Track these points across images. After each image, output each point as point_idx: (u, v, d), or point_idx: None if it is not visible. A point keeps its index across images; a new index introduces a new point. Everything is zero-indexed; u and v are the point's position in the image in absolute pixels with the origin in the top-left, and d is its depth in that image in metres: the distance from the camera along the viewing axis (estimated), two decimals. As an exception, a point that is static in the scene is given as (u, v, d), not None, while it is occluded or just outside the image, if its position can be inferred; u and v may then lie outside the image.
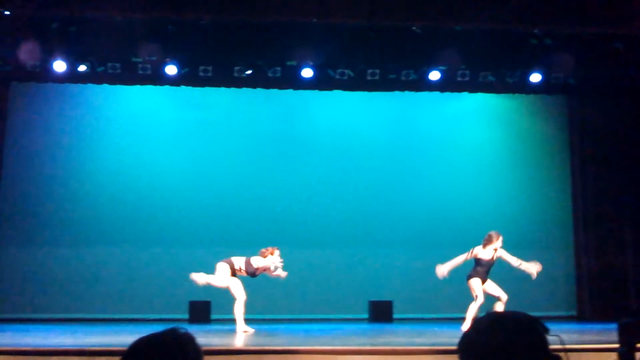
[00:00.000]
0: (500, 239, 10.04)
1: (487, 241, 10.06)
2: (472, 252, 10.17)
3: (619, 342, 2.93)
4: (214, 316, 12.07)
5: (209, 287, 12.42)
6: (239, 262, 10.15)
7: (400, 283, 13.05)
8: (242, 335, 9.39)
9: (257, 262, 10.09)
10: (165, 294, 12.63)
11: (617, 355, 3.13)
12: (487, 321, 1.84)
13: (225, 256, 10.41)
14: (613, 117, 13.21)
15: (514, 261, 10.01)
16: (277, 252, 10.16)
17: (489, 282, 10.17)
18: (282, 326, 11.05)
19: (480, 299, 9.96)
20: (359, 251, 13.20)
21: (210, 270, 10.30)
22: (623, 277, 12.82)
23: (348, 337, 9.25)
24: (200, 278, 10.08)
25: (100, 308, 12.54)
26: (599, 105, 13.35)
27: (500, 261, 10.26)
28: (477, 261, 10.14)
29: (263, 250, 10.16)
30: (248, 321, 10.07)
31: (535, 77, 12.23)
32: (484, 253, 10.06)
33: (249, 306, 12.54)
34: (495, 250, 10.05)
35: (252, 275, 10.20)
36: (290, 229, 13.00)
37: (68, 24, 10.71)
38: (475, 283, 10.13)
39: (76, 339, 8.55)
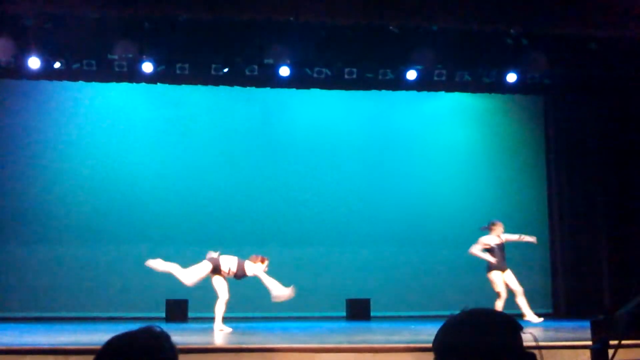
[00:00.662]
0: (501, 224, 10.63)
1: (491, 228, 10.54)
2: (481, 243, 10.48)
3: (592, 339, 2.95)
4: (191, 314, 12.03)
5: (187, 287, 12.39)
6: (230, 262, 9.98)
7: (378, 281, 13.09)
8: (219, 334, 9.37)
9: (250, 268, 9.98)
10: (141, 292, 12.54)
11: (590, 353, 3.16)
12: (461, 319, 1.85)
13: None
14: (588, 117, 13.36)
15: (516, 237, 10.72)
16: (266, 263, 10.05)
17: (508, 272, 10.50)
18: (259, 324, 11.04)
19: (503, 295, 10.22)
20: (336, 249, 13.22)
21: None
22: (598, 275, 12.96)
23: (326, 335, 9.26)
24: (158, 265, 9.89)
25: (75, 306, 12.43)
26: (574, 105, 13.49)
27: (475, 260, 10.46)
28: (490, 250, 10.42)
29: (254, 257, 10.04)
30: (225, 319, 10.04)
31: (511, 77, 12.33)
32: (491, 239, 10.48)
33: (227, 304, 12.52)
34: (499, 236, 10.54)
35: (237, 279, 10.11)
36: (268, 227, 13.00)
37: (43, 20, 10.60)
38: (496, 276, 10.39)
39: (50, 337, 8.47)
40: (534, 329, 9.51)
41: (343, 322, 12.07)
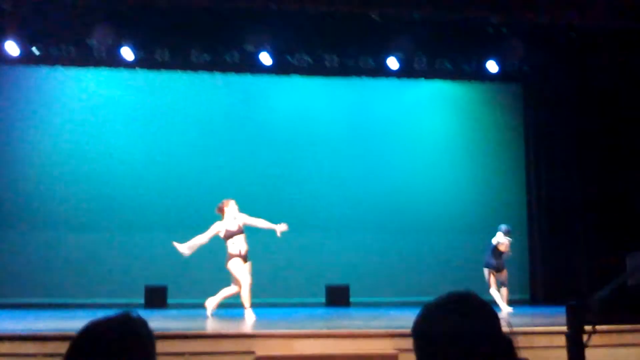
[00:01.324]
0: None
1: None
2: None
3: (567, 324, 2.99)
4: (170, 301, 12.01)
5: (164, 271, 12.38)
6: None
7: (357, 267, 13.14)
8: (202, 320, 9.35)
9: (234, 219, 9.74)
10: (120, 279, 12.51)
11: (565, 338, 3.19)
12: (440, 304, 1.87)
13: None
14: (567, 105, 13.44)
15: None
16: (230, 203, 9.82)
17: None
18: (238, 311, 11.04)
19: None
20: (315, 236, 13.24)
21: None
22: (575, 261, 13.10)
23: (305, 321, 9.30)
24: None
25: (52, 293, 12.35)
26: (553, 93, 13.57)
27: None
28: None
29: (220, 206, 9.89)
30: (203, 306, 10.03)
31: (491, 65, 12.39)
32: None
33: (205, 290, 12.52)
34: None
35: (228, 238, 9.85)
36: (250, 213, 12.95)
37: (20, 4, 10.47)
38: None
39: (27, 324, 8.43)
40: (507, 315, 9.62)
41: (322, 308, 12.11)
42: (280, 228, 9.85)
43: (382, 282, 13.14)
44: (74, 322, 8.17)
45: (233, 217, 9.80)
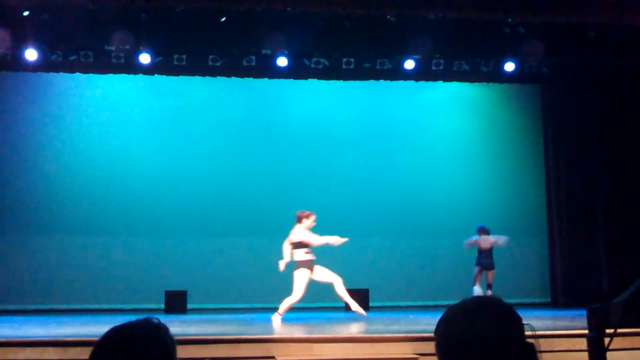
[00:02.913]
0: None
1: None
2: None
3: (589, 327, 2.96)
4: (190, 306, 12.04)
5: (185, 276, 12.44)
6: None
7: (377, 271, 13.11)
8: (222, 325, 9.35)
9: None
10: (140, 284, 12.57)
11: (587, 341, 3.16)
12: (463, 308, 1.85)
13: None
14: (586, 106, 13.34)
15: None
16: (313, 217, 10.03)
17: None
18: (258, 315, 11.06)
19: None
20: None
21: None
22: (596, 264, 12.99)
23: (324, 325, 9.29)
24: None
25: (73, 298, 12.45)
26: (572, 94, 13.48)
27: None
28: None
29: (303, 215, 10.00)
30: (224, 310, 10.06)
31: (509, 66, 12.30)
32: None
33: (224, 295, 12.57)
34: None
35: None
36: (266, 217, 12.99)
37: (40, 11, 10.56)
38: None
39: (49, 330, 8.48)
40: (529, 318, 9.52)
41: (342, 312, 12.09)
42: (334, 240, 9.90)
43: (401, 286, 13.10)
44: (96, 328, 8.23)
45: (308, 229, 9.85)
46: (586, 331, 2.92)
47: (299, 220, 10.03)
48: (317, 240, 9.91)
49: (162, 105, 13.33)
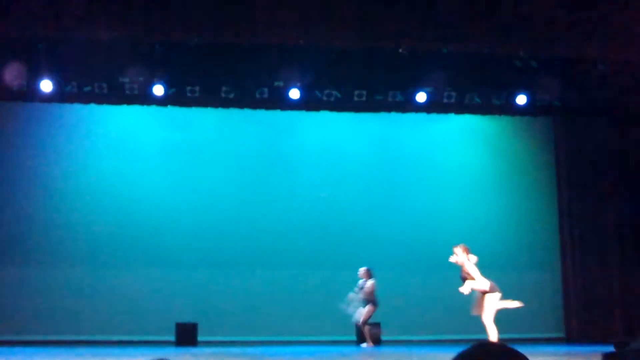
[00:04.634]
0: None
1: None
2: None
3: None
4: (200, 338, 11.95)
5: (195, 309, 12.38)
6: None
7: (389, 305, 12.99)
8: (233, 358, 9.26)
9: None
10: (151, 316, 12.51)
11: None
12: (472, 355, 1.81)
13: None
14: (598, 139, 13.29)
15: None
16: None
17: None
18: (268, 348, 10.97)
19: None
20: (346, 272, 13.12)
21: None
22: (609, 299, 12.84)
23: (335, 359, 9.18)
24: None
25: (85, 330, 12.40)
26: (584, 127, 13.44)
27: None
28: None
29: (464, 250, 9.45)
30: (234, 343, 9.97)
31: (521, 99, 12.31)
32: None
33: (235, 327, 12.48)
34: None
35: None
36: (277, 249, 12.95)
37: (55, 44, 10.70)
38: None
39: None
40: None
41: (353, 346, 11.97)
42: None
43: (413, 320, 12.97)
44: None
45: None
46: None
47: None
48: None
49: (174, 137, 13.38)
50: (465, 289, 9.22)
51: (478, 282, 9.18)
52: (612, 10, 10.14)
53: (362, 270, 12.02)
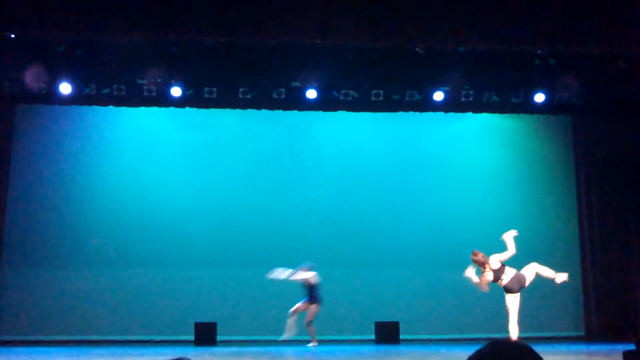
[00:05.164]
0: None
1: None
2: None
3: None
4: (220, 338, 12.01)
5: (214, 308, 12.43)
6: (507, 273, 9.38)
7: (407, 304, 12.99)
8: (251, 357, 9.30)
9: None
10: (170, 316, 12.60)
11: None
12: (487, 353, 1.82)
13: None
14: (617, 136, 13.21)
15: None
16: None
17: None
18: (288, 348, 10.99)
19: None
20: (365, 272, 13.17)
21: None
22: (630, 297, 12.74)
23: (354, 358, 9.19)
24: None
25: (105, 329, 12.51)
26: (603, 125, 13.35)
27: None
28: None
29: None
30: (254, 342, 9.99)
31: (539, 97, 12.24)
32: None
33: (254, 326, 12.52)
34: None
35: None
36: (296, 249, 12.97)
37: (74, 46, 10.79)
38: None
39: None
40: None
41: (372, 345, 11.97)
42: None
43: (432, 319, 12.95)
44: None
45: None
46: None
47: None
48: None
49: (192, 138, 13.46)
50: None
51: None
52: (631, 6, 10.06)
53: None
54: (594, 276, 13.13)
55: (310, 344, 11.33)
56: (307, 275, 11.44)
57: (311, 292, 11.46)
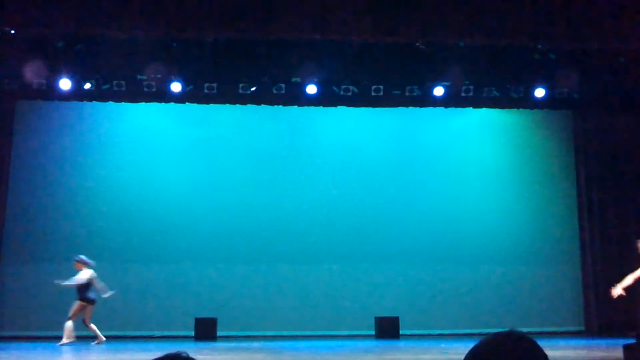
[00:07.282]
0: None
1: None
2: None
3: (625, 361, 2.90)
4: (220, 333, 12.03)
5: (214, 304, 12.44)
6: None
7: (407, 299, 13.01)
8: (251, 352, 9.33)
9: None
10: (170, 311, 12.61)
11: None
12: (490, 343, 1.82)
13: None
14: (618, 131, 13.20)
15: None
16: None
17: None
18: (287, 343, 11.02)
19: None
20: (365, 267, 13.18)
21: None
22: (630, 292, 12.73)
23: (354, 353, 9.21)
24: None
25: (105, 325, 12.49)
26: (603, 119, 13.35)
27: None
28: None
29: None
30: (254, 338, 10.03)
31: (540, 92, 12.24)
32: None
33: (254, 322, 12.54)
34: None
35: None
36: (296, 244, 13.00)
37: (74, 42, 10.78)
38: None
39: (80, 357, 8.52)
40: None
41: (372, 340, 11.99)
42: None
43: (432, 313, 12.97)
44: (126, 355, 8.25)
45: None
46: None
47: None
48: None
49: (192, 133, 13.45)
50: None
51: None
52: (631, 1, 10.04)
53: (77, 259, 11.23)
54: (594, 271, 13.14)
55: (95, 342, 10.94)
56: (87, 275, 11.02)
57: (85, 291, 11.01)
